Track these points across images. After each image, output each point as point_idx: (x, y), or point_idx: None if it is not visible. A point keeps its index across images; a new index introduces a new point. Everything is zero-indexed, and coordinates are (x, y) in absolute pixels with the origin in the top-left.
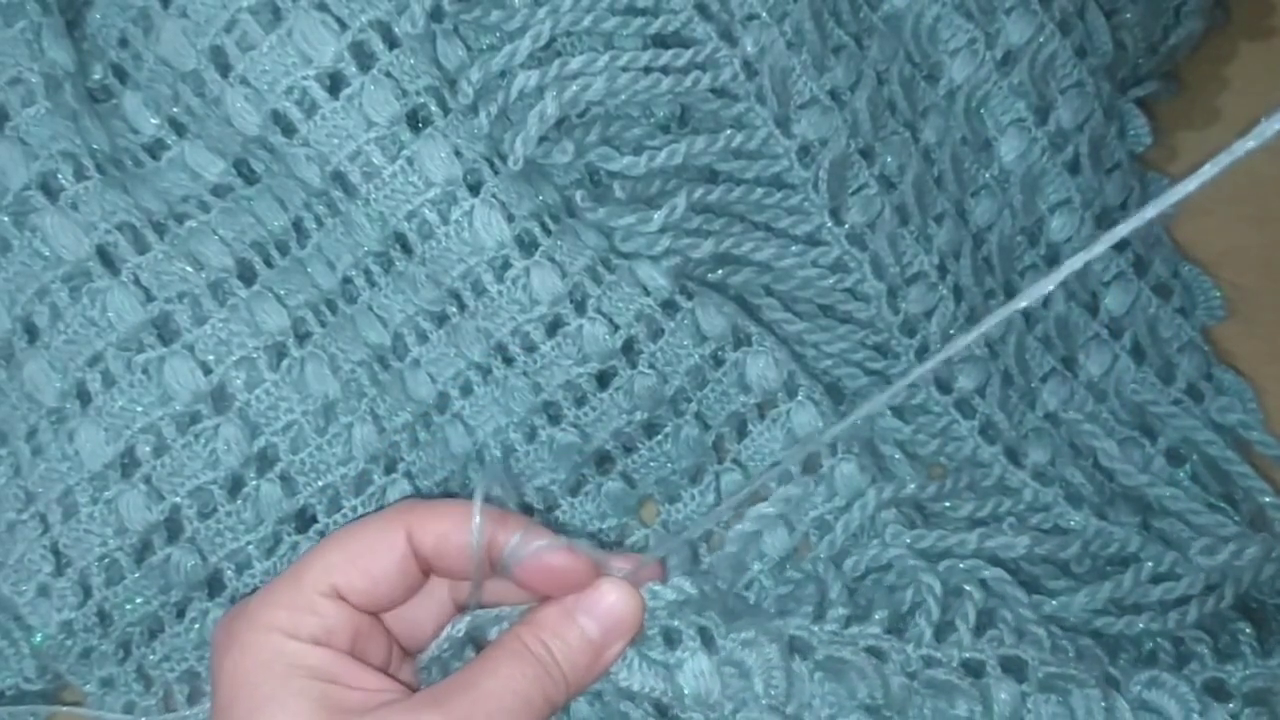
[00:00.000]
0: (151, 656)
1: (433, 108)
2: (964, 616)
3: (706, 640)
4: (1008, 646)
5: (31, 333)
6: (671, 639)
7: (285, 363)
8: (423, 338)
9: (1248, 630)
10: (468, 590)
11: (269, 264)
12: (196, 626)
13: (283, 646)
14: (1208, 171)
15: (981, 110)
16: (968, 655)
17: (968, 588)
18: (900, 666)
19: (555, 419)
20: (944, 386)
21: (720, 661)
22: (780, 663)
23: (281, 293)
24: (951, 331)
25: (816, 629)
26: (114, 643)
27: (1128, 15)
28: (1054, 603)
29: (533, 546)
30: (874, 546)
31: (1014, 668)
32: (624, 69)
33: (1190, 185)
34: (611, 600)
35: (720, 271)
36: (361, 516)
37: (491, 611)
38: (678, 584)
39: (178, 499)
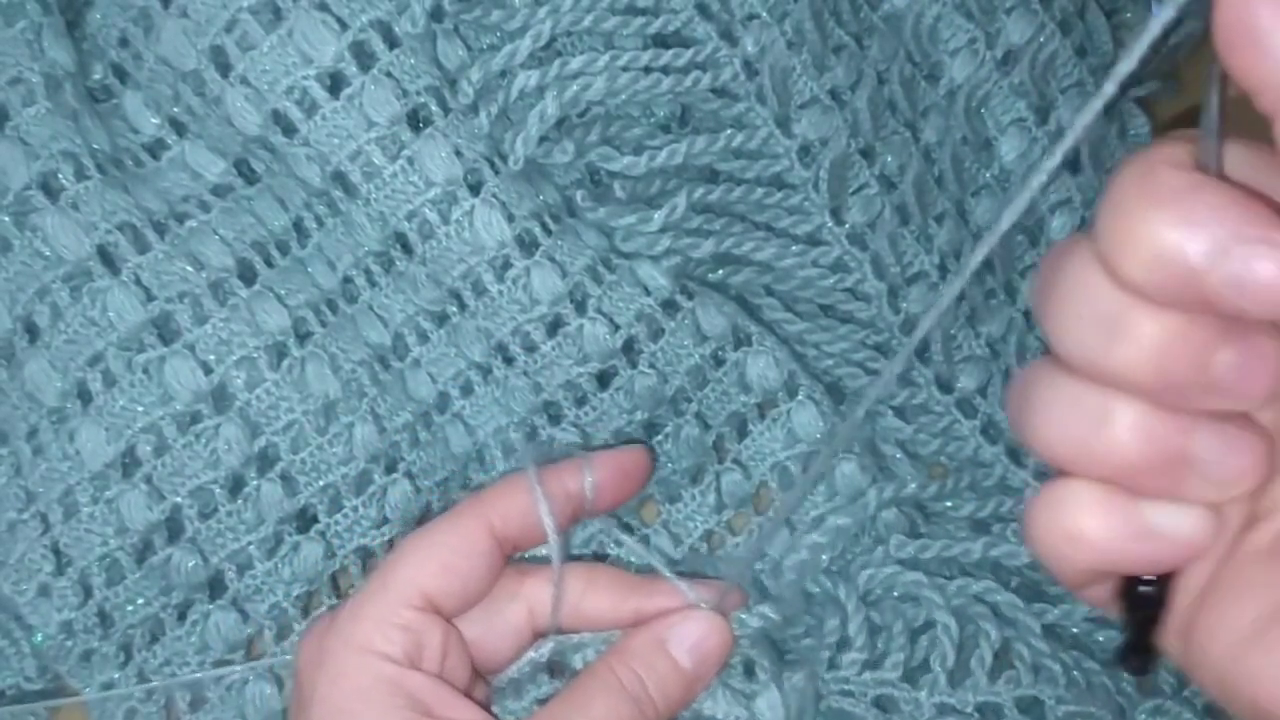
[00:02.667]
0: (153, 661)
1: (433, 107)
2: (980, 660)
3: (777, 675)
4: (1025, 686)
5: (32, 332)
6: (750, 669)
7: (286, 362)
8: (423, 337)
9: None
10: (548, 617)
11: (269, 264)
12: (198, 629)
13: (380, 670)
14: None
15: (982, 110)
16: (983, 699)
17: (984, 625)
18: (911, 716)
19: (556, 419)
20: (945, 386)
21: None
22: (811, 711)
23: (282, 292)
24: (953, 331)
25: (829, 676)
26: (115, 645)
27: (1128, 15)
28: (1056, 611)
29: (601, 462)
30: (890, 566)
31: (1031, 708)
32: (624, 69)
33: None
34: (704, 631)
35: (721, 271)
36: (430, 522)
37: (574, 638)
38: (761, 611)
39: (178, 499)
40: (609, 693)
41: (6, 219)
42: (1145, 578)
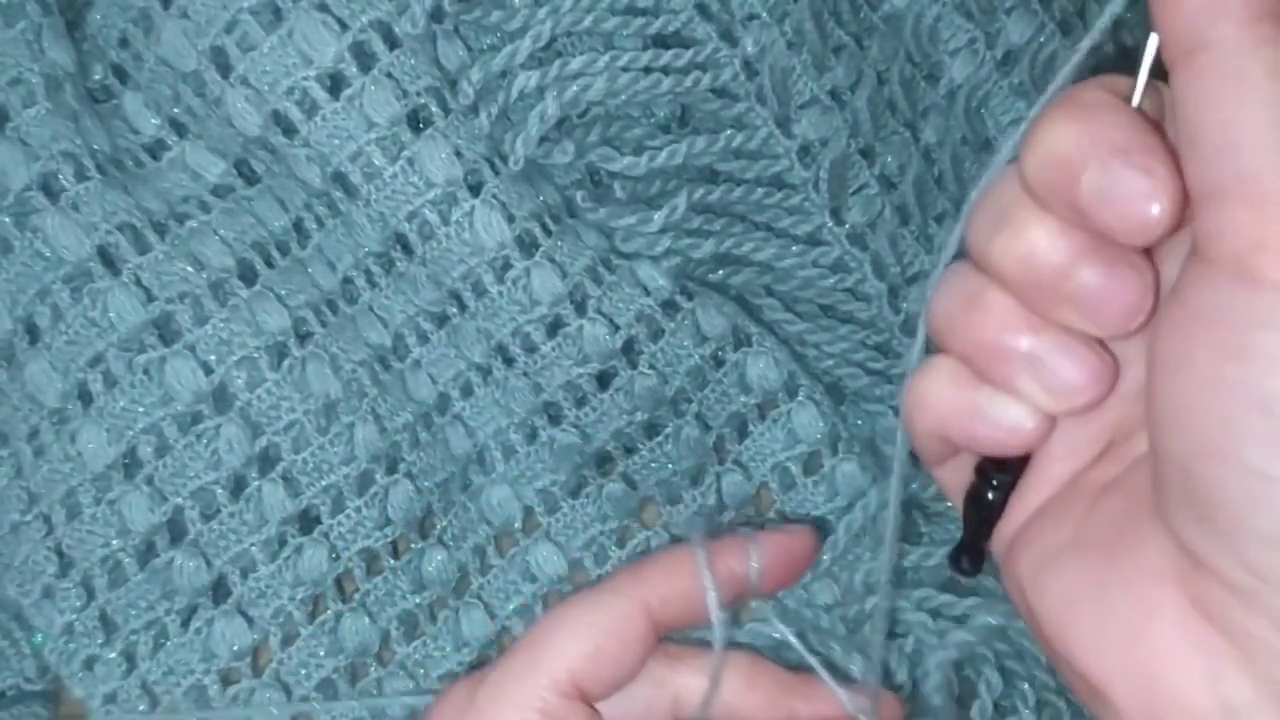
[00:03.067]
0: (156, 670)
1: (433, 108)
2: (982, 710)
3: None
4: None
5: (33, 333)
6: None
7: (286, 362)
8: (423, 338)
9: None
10: (695, 708)
11: (270, 264)
12: (202, 636)
13: None
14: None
15: (982, 110)
16: None
17: (985, 671)
18: None
19: (556, 420)
20: None
21: None
22: None
23: (282, 293)
24: None
25: None
26: (117, 652)
27: (1128, 15)
28: None
29: (767, 543)
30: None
31: None
32: (624, 69)
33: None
34: None
35: (721, 272)
36: (581, 594)
37: None
38: None
39: (180, 500)
40: None
41: (7, 220)
42: (993, 482)
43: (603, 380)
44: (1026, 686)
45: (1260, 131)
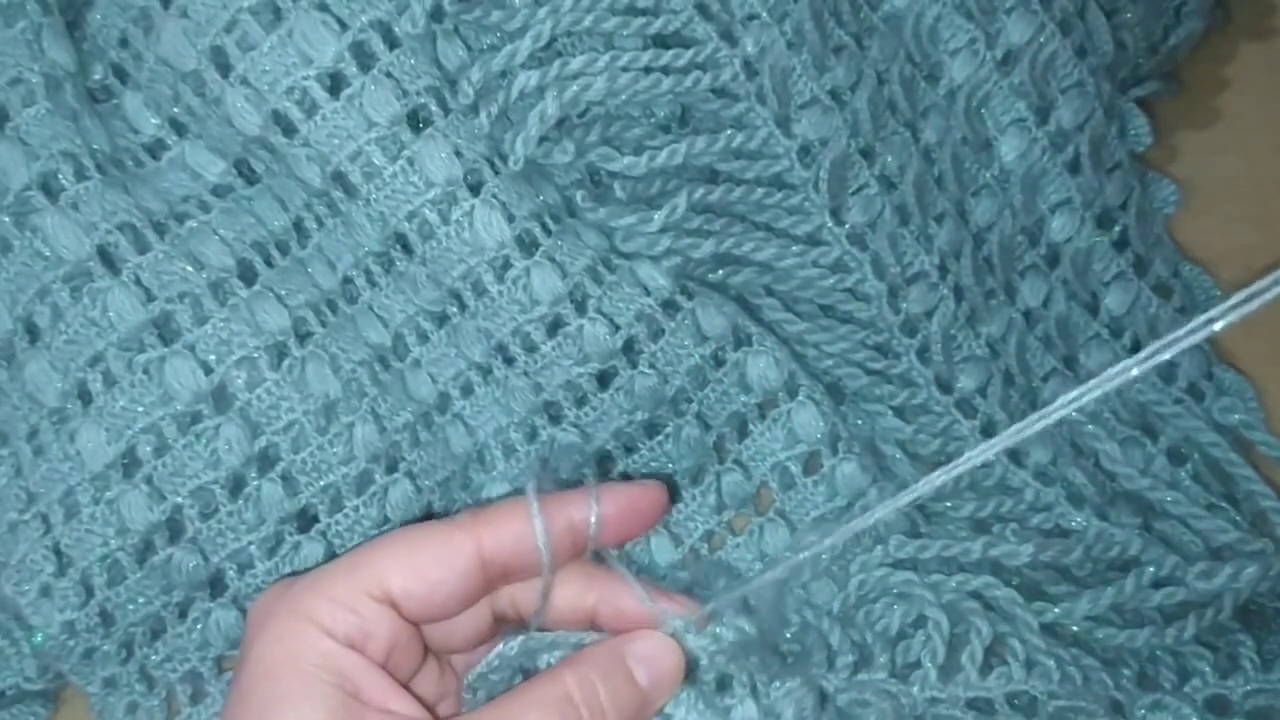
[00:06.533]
0: (154, 657)
1: (433, 108)
2: (971, 656)
3: (754, 688)
4: (1016, 682)
5: (32, 333)
6: (724, 684)
7: (286, 362)
8: (423, 338)
9: (1248, 643)
10: (505, 600)
11: (269, 264)
12: (199, 627)
13: (316, 642)
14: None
15: (982, 110)
16: (974, 694)
17: (975, 620)
18: (909, 710)
19: (556, 419)
20: (945, 386)
21: (764, 710)
22: (813, 715)
23: (282, 292)
24: (953, 331)
25: (831, 676)
26: (116, 643)
27: (1128, 15)
28: (1056, 610)
29: (612, 495)
30: (882, 569)
31: (1023, 704)
32: (624, 69)
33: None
34: (661, 653)
35: (721, 271)
36: (422, 523)
37: (547, 636)
38: (738, 625)
39: (179, 499)
40: (550, 708)
41: (6, 219)
42: None
43: (603, 380)
44: (1016, 643)
45: None
